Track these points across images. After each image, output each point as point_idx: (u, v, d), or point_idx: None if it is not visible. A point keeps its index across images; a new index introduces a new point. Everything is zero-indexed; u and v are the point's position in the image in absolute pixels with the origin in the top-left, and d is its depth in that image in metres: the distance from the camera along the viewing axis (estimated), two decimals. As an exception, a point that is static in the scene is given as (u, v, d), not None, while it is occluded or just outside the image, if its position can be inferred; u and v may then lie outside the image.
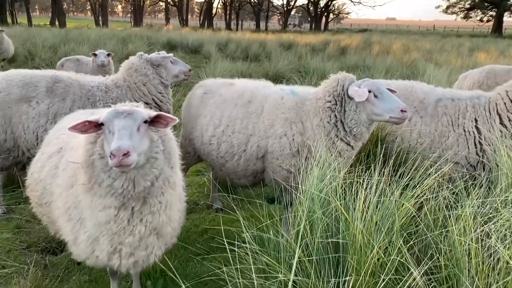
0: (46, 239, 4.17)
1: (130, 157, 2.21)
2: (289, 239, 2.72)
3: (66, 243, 3.00)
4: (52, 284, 3.40)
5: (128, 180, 2.44)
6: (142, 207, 2.54)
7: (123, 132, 2.30)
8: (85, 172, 2.52)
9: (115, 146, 2.21)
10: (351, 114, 3.50)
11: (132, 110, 2.45)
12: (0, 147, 4.21)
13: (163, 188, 2.58)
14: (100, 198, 2.49)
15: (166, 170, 2.58)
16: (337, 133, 3.54)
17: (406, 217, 2.79)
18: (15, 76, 4.23)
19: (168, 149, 2.60)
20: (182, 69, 4.82)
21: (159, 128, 2.57)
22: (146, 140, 2.45)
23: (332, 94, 3.55)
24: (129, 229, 2.56)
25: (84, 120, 2.46)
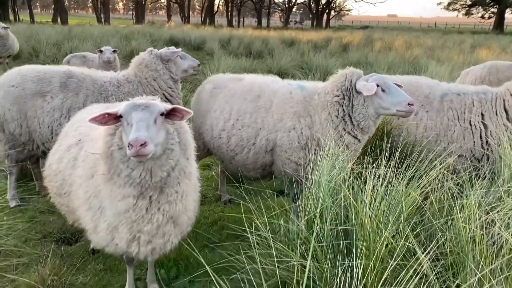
0: (60, 229, 4.29)
1: (147, 147, 2.32)
2: (301, 226, 2.83)
3: (84, 232, 3.12)
4: (70, 272, 3.52)
5: (145, 170, 2.55)
6: (160, 196, 2.65)
7: (140, 124, 2.41)
8: (105, 162, 2.63)
9: (133, 137, 2.32)
10: (359, 108, 3.60)
11: (149, 103, 2.55)
12: (16, 140, 4.33)
13: (179, 179, 2.69)
14: (119, 188, 2.60)
15: (182, 161, 2.69)
16: (344, 127, 3.65)
17: (412, 206, 2.90)
18: (29, 72, 4.34)
19: (183, 141, 2.71)
20: (191, 64, 4.92)
21: (175, 121, 2.68)
22: (163, 132, 2.55)
23: (340, 89, 3.66)
24: (147, 218, 2.68)
25: (104, 112, 2.57)
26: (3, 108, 4.26)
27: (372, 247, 2.53)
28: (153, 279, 3.44)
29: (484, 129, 4.06)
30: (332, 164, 3.16)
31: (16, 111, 4.24)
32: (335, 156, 3.22)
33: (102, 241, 2.83)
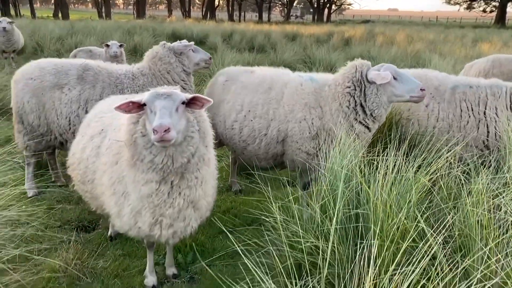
0: (78, 217, 4.44)
1: (170, 133, 2.45)
2: (316, 208, 2.96)
3: (102, 220, 3.27)
4: (91, 257, 3.66)
5: (167, 156, 2.69)
6: (180, 181, 2.79)
7: (164, 111, 2.54)
8: (128, 149, 2.76)
9: (157, 123, 2.46)
10: (373, 97, 3.74)
11: (172, 92, 2.68)
12: (34, 132, 4.47)
13: (198, 165, 2.83)
14: (142, 173, 2.74)
15: (201, 148, 2.82)
16: (356, 117, 3.79)
17: (421, 192, 3.03)
18: (47, 64, 4.47)
19: (202, 129, 2.84)
20: (203, 57, 5.04)
21: (195, 110, 2.80)
22: (183, 120, 2.68)
23: (351, 80, 3.79)
24: (169, 202, 2.82)
25: (128, 101, 2.70)
26: (22, 100, 4.40)
27: (385, 229, 2.66)
28: (171, 263, 3.58)
29: (498, 122, 4.16)
30: (344, 152, 3.29)
31: (34, 103, 4.38)
32: (347, 145, 3.35)
33: (125, 225, 2.97)
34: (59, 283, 3.38)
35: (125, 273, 3.57)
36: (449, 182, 3.25)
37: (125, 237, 4.13)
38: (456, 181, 3.34)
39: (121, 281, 3.46)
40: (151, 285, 3.37)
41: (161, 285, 3.46)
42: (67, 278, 3.40)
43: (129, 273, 3.58)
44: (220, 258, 3.79)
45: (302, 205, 3.59)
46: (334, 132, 3.75)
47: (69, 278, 3.40)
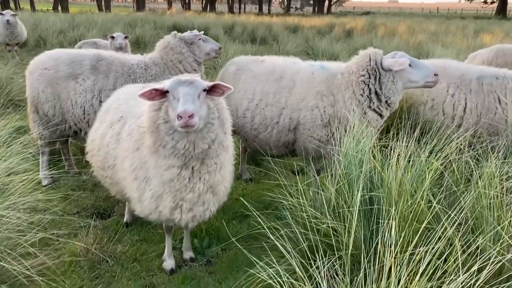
0: (93, 205, 4.53)
1: (194, 119, 2.53)
2: (332, 191, 3.05)
3: (127, 202, 3.35)
4: (110, 242, 3.75)
5: (189, 142, 2.77)
6: (201, 167, 2.87)
7: (187, 98, 2.62)
8: (151, 136, 2.84)
9: (182, 109, 2.53)
10: (389, 84, 3.84)
11: (194, 79, 2.76)
12: (49, 121, 4.54)
13: (218, 151, 2.91)
14: (164, 159, 2.82)
15: (220, 135, 2.90)
16: (370, 104, 3.89)
17: (434, 176, 3.12)
18: (60, 55, 4.53)
19: (222, 116, 2.92)
20: (213, 47, 5.10)
21: (214, 97, 2.87)
22: (205, 107, 2.75)
23: (365, 69, 3.87)
24: (189, 187, 2.90)
25: (152, 88, 2.77)
26: (37, 90, 4.47)
27: (400, 211, 2.74)
28: (188, 247, 3.68)
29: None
30: (358, 138, 3.37)
31: (50, 93, 4.45)
32: (360, 131, 3.43)
33: (146, 209, 3.06)
34: (81, 266, 3.48)
35: (143, 257, 3.67)
36: (459, 167, 3.34)
37: (140, 223, 4.23)
38: (466, 166, 3.43)
39: (140, 265, 3.56)
40: (169, 268, 3.47)
41: (179, 268, 3.55)
42: (88, 262, 3.49)
43: (147, 257, 3.67)
44: (235, 242, 3.88)
45: (318, 189, 3.68)
46: (346, 120, 3.83)
47: (89, 261, 3.50)
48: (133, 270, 3.49)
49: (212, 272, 3.53)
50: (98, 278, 3.39)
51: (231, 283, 3.38)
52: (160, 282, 3.37)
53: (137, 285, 3.32)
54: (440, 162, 3.18)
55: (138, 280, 3.39)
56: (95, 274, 3.43)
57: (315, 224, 2.97)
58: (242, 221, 4.31)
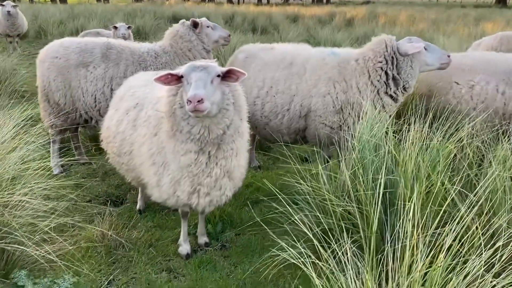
0: (106, 193, 4.57)
1: (203, 104, 2.56)
2: (347, 174, 3.09)
3: (143, 188, 3.38)
4: (125, 228, 3.80)
5: (204, 127, 2.80)
6: (217, 152, 2.91)
7: (198, 83, 2.64)
8: (168, 120, 2.88)
9: (191, 93, 2.56)
10: (408, 69, 3.89)
11: (207, 64, 2.78)
12: (60, 110, 4.56)
13: (233, 137, 2.94)
14: (182, 144, 2.86)
15: (236, 120, 2.93)
16: (386, 90, 3.94)
17: (447, 160, 3.16)
18: (71, 43, 4.54)
19: (238, 102, 2.94)
20: (222, 35, 5.08)
21: (230, 83, 2.89)
22: (218, 92, 2.77)
23: (383, 55, 3.90)
24: (207, 171, 2.94)
25: (167, 73, 2.80)
26: (48, 78, 4.48)
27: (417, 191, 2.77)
28: (203, 232, 3.72)
29: None
30: (371, 123, 3.41)
31: (60, 81, 4.46)
32: (373, 116, 3.46)
33: (164, 194, 3.09)
34: (97, 252, 3.53)
35: (159, 242, 3.72)
36: (472, 151, 3.38)
37: (153, 210, 4.28)
38: (476, 150, 3.47)
39: (156, 250, 3.61)
40: (185, 253, 3.52)
41: (195, 253, 3.60)
42: (105, 247, 3.54)
43: (162, 242, 3.72)
44: (248, 227, 3.93)
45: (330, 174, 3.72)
46: (359, 105, 3.86)
47: (106, 247, 3.55)
48: (149, 255, 3.54)
49: (227, 256, 3.58)
50: (115, 263, 3.44)
51: (247, 266, 3.43)
52: (177, 267, 3.42)
53: (154, 269, 3.37)
54: (454, 145, 3.22)
55: (155, 264, 3.44)
56: (112, 259, 3.48)
57: (332, 207, 3.00)
58: (254, 207, 4.35)
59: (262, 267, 3.29)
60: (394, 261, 2.29)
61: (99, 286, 3.17)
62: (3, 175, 3.05)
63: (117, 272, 3.32)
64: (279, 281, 3.26)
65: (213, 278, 3.28)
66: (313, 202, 3.40)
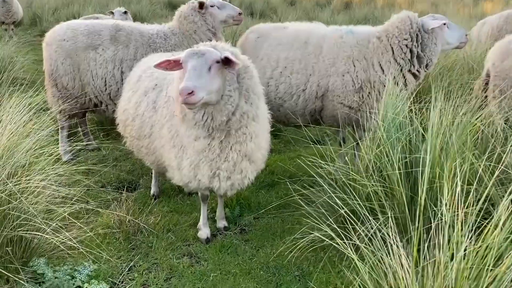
0: (118, 178, 4.48)
1: (194, 96, 2.44)
2: (373, 153, 3.02)
3: (166, 171, 3.30)
4: (142, 214, 3.72)
5: (207, 114, 2.72)
6: (228, 138, 2.84)
7: (192, 73, 2.53)
8: (177, 105, 2.79)
9: (181, 86, 2.46)
10: (432, 46, 3.83)
11: (206, 50, 2.64)
12: (68, 95, 4.44)
13: (242, 122, 2.83)
14: (191, 129, 2.81)
15: (242, 105, 2.80)
16: (410, 68, 3.86)
17: (474, 137, 3.09)
18: (78, 26, 4.41)
19: (246, 86, 2.82)
20: (230, 13, 4.75)
21: (233, 68, 2.71)
22: (218, 79, 2.63)
23: (408, 32, 3.81)
24: (223, 156, 2.88)
25: (166, 59, 2.71)
26: (56, 62, 4.35)
27: (448, 168, 2.71)
28: (222, 216, 3.66)
29: None
30: (394, 101, 3.32)
31: (69, 65, 4.34)
32: (396, 94, 3.38)
33: (185, 177, 3.02)
34: (116, 238, 3.46)
35: (177, 227, 3.65)
36: (497, 128, 3.31)
37: (168, 195, 4.21)
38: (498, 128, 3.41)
39: (175, 235, 3.54)
40: (205, 237, 3.45)
41: (214, 237, 3.54)
42: (123, 233, 3.46)
43: (180, 227, 3.65)
44: (266, 211, 3.87)
45: (346, 157, 3.65)
46: (380, 84, 3.78)
47: (124, 233, 3.47)
48: (169, 240, 3.47)
49: (247, 240, 3.52)
50: (134, 249, 3.37)
51: (268, 250, 3.38)
52: (198, 251, 3.36)
53: (175, 254, 3.31)
54: (480, 123, 3.15)
55: (175, 249, 3.37)
56: (131, 245, 3.41)
57: (361, 187, 2.93)
58: (270, 190, 4.29)
59: (285, 250, 3.24)
60: (432, 240, 2.23)
61: (120, 273, 3.11)
62: (20, 161, 2.94)
63: (137, 258, 3.26)
64: (303, 264, 3.20)
65: (236, 262, 3.22)
66: (336, 184, 3.34)
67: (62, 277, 2.89)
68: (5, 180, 2.74)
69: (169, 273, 3.11)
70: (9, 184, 2.71)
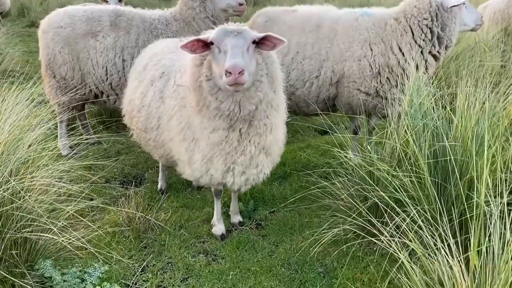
0: (122, 173, 4.27)
1: (244, 76, 2.23)
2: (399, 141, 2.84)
3: (175, 165, 3.10)
4: (150, 210, 3.52)
5: (234, 103, 2.48)
6: (249, 129, 2.61)
7: (236, 50, 2.30)
8: (193, 95, 2.57)
9: (230, 63, 2.22)
10: (452, 25, 3.66)
11: (242, 29, 2.43)
12: (67, 85, 4.19)
13: (266, 111, 2.62)
14: (209, 120, 2.56)
15: (269, 93, 2.60)
16: (431, 49, 3.68)
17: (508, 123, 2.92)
18: (76, 12, 4.15)
19: (271, 73, 2.61)
20: (230, 3, 4.30)
21: (265, 50, 2.55)
22: (254, 62, 2.44)
23: (428, 11, 3.61)
24: (240, 149, 2.66)
25: (195, 38, 2.46)
26: (53, 51, 4.10)
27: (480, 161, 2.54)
28: (236, 211, 3.47)
29: None
30: (419, 86, 3.14)
31: (67, 53, 4.08)
32: (419, 79, 3.20)
33: (197, 172, 2.82)
34: (125, 237, 3.26)
35: (189, 223, 3.46)
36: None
37: (176, 190, 4.01)
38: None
39: (188, 232, 3.35)
40: (220, 233, 3.26)
41: (229, 233, 3.35)
42: (133, 231, 3.27)
43: (192, 223, 3.46)
44: (281, 204, 3.70)
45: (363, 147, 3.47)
46: (399, 68, 3.59)
47: (134, 231, 3.27)
48: (182, 237, 3.28)
49: (265, 235, 3.34)
50: (146, 248, 3.18)
51: (288, 245, 3.20)
52: (214, 248, 3.18)
53: (190, 252, 3.12)
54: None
55: (190, 247, 3.19)
56: (143, 244, 3.21)
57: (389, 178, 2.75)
58: (283, 182, 4.11)
59: (305, 245, 3.07)
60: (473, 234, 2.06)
61: (132, 273, 2.92)
62: (22, 157, 2.72)
63: (150, 257, 3.06)
64: (325, 259, 3.03)
65: (255, 259, 3.05)
66: (357, 175, 3.17)
67: (72, 280, 2.70)
68: (8, 177, 2.51)
69: (185, 273, 2.92)
70: (12, 182, 2.49)
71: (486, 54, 4.83)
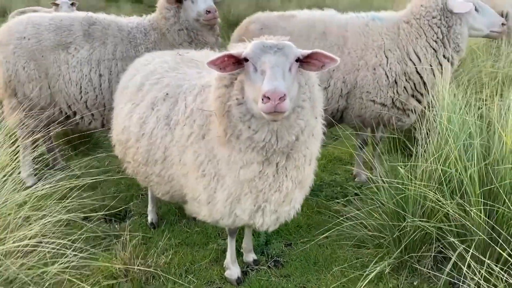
0: (102, 206, 3.63)
1: (285, 102, 1.81)
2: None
3: (184, 203, 2.60)
4: (147, 249, 2.98)
5: (270, 133, 2.05)
6: (287, 162, 2.17)
7: (276, 70, 1.88)
8: (220, 122, 2.10)
9: (270, 87, 1.80)
10: (458, 28, 3.37)
11: (283, 44, 2.00)
12: (32, 105, 3.53)
13: (307, 142, 2.20)
14: (240, 153, 2.11)
15: (311, 121, 2.17)
16: (444, 52, 3.40)
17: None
18: (41, 20, 3.52)
19: (313, 96, 2.18)
20: (199, 11, 3.59)
21: (310, 71, 2.13)
22: (296, 84, 2.03)
23: (435, 9, 3.34)
24: (275, 186, 2.22)
25: (225, 54, 2.01)
26: (14, 66, 3.44)
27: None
28: (250, 248, 3.02)
29: None
30: (449, 97, 2.84)
31: (33, 69, 3.44)
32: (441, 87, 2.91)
33: (217, 213, 2.35)
34: (124, 291, 2.71)
35: (194, 266, 2.96)
36: None
37: (169, 223, 3.50)
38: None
39: (196, 277, 2.85)
40: (235, 277, 2.79)
41: (245, 275, 2.89)
42: (133, 283, 2.72)
43: (199, 266, 2.97)
44: (297, 234, 3.29)
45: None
46: (416, 75, 3.30)
47: (134, 282, 2.72)
48: (192, 284, 2.78)
49: (287, 275, 2.89)
50: (152, 303, 2.65)
51: (315, 285, 2.78)
52: (231, 296, 2.70)
53: (204, 304, 2.63)
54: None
55: (203, 297, 2.70)
56: (147, 297, 2.68)
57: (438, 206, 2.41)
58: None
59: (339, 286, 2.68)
60: None
61: None
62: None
63: (159, 315, 2.55)
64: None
65: (283, 307, 2.61)
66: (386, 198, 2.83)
67: None
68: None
69: (205, 332, 2.43)
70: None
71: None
